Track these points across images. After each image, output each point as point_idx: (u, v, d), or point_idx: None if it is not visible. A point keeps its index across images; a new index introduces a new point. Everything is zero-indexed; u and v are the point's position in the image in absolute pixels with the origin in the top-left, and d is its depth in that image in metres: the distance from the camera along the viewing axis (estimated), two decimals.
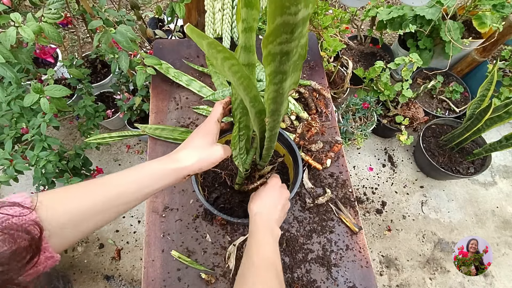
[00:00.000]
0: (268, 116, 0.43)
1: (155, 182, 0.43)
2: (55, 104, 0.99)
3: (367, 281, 0.75)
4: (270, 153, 0.59)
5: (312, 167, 0.88)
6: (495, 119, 1.23)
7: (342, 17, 1.58)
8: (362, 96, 1.56)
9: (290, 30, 0.27)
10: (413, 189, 1.73)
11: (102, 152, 1.70)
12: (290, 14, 0.25)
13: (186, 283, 0.73)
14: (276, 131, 0.52)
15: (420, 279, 1.51)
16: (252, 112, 0.43)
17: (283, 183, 0.67)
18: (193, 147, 0.48)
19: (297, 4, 0.24)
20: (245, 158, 0.60)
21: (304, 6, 0.25)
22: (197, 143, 0.49)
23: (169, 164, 0.45)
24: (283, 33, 0.27)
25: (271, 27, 0.27)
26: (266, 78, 0.35)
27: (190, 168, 0.46)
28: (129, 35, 0.92)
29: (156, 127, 0.90)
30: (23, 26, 0.82)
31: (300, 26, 0.27)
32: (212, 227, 0.80)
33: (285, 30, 0.27)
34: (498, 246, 1.62)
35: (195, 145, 0.48)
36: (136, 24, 1.11)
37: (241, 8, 0.35)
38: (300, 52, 0.32)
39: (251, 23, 0.37)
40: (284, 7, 0.24)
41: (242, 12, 0.35)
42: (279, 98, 0.38)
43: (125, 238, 1.50)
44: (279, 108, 0.41)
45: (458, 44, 1.48)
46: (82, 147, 1.18)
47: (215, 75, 0.98)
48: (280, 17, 0.25)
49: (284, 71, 0.33)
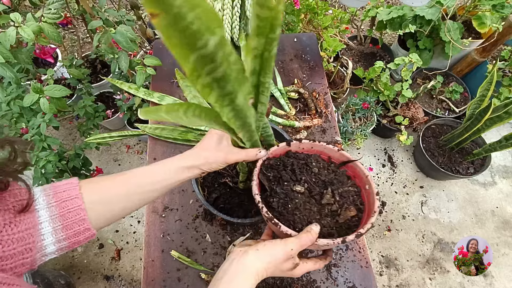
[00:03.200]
0: (239, 132, 0.42)
1: (171, 176, 0.48)
2: (55, 104, 0.99)
3: (367, 281, 0.75)
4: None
5: None
6: (495, 119, 1.23)
7: (342, 17, 1.58)
8: (362, 96, 1.56)
9: (210, 60, 0.26)
10: (413, 189, 1.73)
11: (102, 152, 1.70)
12: (200, 48, 0.24)
13: (186, 283, 0.73)
14: (266, 131, 0.53)
15: (420, 279, 1.51)
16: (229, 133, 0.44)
17: None
18: (202, 148, 0.51)
19: (201, 36, 0.23)
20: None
21: (210, 34, 0.24)
22: (205, 144, 0.51)
23: (183, 162, 0.49)
24: (205, 65, 0.26)
25: (189, 66, 0.25)
26: (214, 106, 0.33)
27: (200, 167, 0.49)
28: (129, 35, 0.92)
29: (156, 127, 0.90)
30: (23, 26, 0.82)
31: (218, 51, 0.26)
32: (212, 227, 0.80)
33: (205, 62, 0.26)
34: (498, 246, 1.62)
35: (204, 146, 0.51)
36: (136, 24, 1.11)
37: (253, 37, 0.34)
38: (236, 68, 0.30)
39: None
40: (190, 45, 0.24)
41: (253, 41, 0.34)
42: (240, 114, 0.37)
43: (125, 238, 1.50)
44: (246, 121, 0.39)
45: (458, 44, 1.48)
46: (82, 147, 1.18)
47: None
48: (192, 55, 0.25)
49: (230, 92, 0.32)
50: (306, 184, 0.50)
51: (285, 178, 0.50)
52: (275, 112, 0.97)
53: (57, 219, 0.41)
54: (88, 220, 0.43)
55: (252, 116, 0.41)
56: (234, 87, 0.32)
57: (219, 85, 0.30)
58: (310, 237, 0.43)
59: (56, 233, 0.41)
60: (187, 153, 0.51)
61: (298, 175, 0.51)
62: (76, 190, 0.43)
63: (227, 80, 0.30)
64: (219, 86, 0.30)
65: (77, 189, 0.43)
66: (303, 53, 1.11)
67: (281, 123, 0.94)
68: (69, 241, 0.42)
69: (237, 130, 0.42)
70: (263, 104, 0.44)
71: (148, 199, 0.49)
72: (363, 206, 0.50)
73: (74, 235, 0.42)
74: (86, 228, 0.43)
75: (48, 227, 0.40)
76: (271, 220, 0.44)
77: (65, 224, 0.41)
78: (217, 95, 0.31)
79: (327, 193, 0.49)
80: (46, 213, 0.40)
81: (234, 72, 0.30)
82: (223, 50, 0.27)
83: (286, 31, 1.38)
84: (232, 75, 0.30)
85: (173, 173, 0.48)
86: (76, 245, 0.43)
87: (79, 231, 0.42)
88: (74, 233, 0.42)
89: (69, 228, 0.42)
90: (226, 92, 0.32)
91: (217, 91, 0.31)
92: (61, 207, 0.41)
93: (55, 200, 0.42)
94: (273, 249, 0.43)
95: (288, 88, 1.02)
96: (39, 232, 0.39)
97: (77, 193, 0.43)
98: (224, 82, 0.30)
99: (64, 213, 0.41)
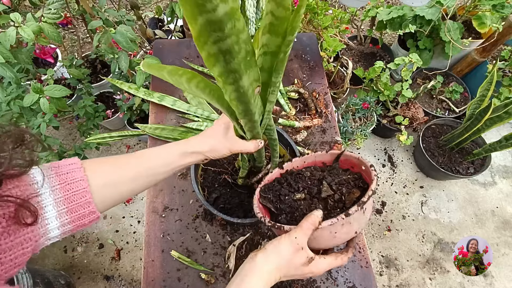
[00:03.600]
0: (240, 118, 0.42)
1: (177, 160, 0.49)
2: (55, 104, 0.99)
3: (367, 281, 0.75)
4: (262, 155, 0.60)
5: None
6: (495, 119, 1.23)
7: (342, 17, 1.58)
8: (362, 96, 1.56)
9: (218, 27, 0.26)
10: (413, 189, 1.73)
11: (102, 152, 1.70)
12: (208, 11, 0.24)
13: (186, 283, 0.73)
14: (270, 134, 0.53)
15: (420, 279, 1.51)
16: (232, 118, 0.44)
17: None
18: (207, 135, 0.52)
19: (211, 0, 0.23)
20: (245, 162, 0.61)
21: (221, 1, 0.24)
22: (211, 132, 0.52)
23: (187, 147, 0.50)
24: (212, 32, 0.26)
25: (196, 28, 0.26)
26: (218, 81, 0.33)
27: (204, 153, 0.50)
28: (129, 35, 0.92)
29: (156, 127, 0.90)
30: (23, 26, 0.82)
31: (227, 21, 0.26)
32: (212, 227, 0.80)
33: (212, 28, 0.26)
34: (498, 246, 1.62)
35: (209, 134, 0.52)
36: (136, 24, 1.11)
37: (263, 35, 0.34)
38: (246, 48, 0.30)
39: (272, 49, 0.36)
40: (199, 6, 0.24)
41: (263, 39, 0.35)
42: (243, 98, 0.36)
43: (125, 238, 1.50)
44: (249, 108, 0.39)
45: (458, 44, 1.48)
46: (82, 147, 1.18)
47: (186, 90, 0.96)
48: (200, 17, 0.25)
49: (235, 70, 0.31)
50: (304, 189, 0.52)
51: (284, 192, 0.52)
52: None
53: (61, 203, 0.39)
54: (93, 202, 0.42)
55: (257, 107, 0.41)
56: (240, 66, 0.31)
57: (225, 58, 0.30)
58: (310, 220, 0.42)
59: (60, 216, 0.39)
60: (191, 138, 0.52)
61: (294, 185, 0.53)
62: (81, 172, 0.42)
63: (233, 55, 0.29)
64: (225, 60, 0.30)
65: (82, 170, 0.42)
66: (303, 53, 1.11)
67: (281, 123, 0.94)
68: (73, 224, 0.41)
69: (239, 116, 0.42)
70: (271, 103, 0.44)
71: (155, 181, 0.49)
72: (367, 186, 0.50)
73: (79, 218, 0.41)
74: (91, 211, 0.42)
75: (53, 210, 0.39)
76: (274, 226, 0.46)
77: (69, 207, 0.40)
78: (222, 70, 0.31)
79: (323, 186, 0.50)
80: (50, 196, 0.39)
81: (243, 51, 0.30)
82: (233, 22, 0.27)
83: None
84: (241, 54, 0.30)
85: (177, 157, 0.49)
86: (80, 228, 0.42)
87: (84, 214, 0.41)
88: (78, 216, 0.41)
89: (74, 211, 0.40)
90: (231, 69, 0.31)
91: (222, 64, 0.30)
92: (65, 190, 0.40)
93: (58, 182, 0.40)
94: (279, 244, 0.43)
95: (288, 88, 1.02)
96: (43, 217, 0.38)
97: (82, 175, 0.42)
98: (230, 57, 0.30)
99: (69, 196, 0.40)
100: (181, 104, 0.94)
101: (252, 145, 0.51)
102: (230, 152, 0.51)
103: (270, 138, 0.56)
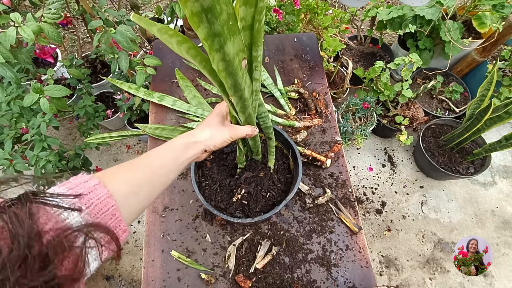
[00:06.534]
0: (231, 95, 0.43)
1: (181, 154, 0.49)
2: (55, 104, 0.99)
3: (367, 281, 0.75)
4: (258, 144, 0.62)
5: (312, 166, 0.88)
6: (495, 119, 1.23)
7: (342, 17, 1.58)
8: (362, 96, 1.56)
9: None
10: (413, 189, 1.73)
11: (102, 152, 1.70)
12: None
13: (186, 283, 0.73)
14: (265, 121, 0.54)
15: (420, 279, 1.51)
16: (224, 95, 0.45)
17: (287, 182, 0.68)
18: (205, 125, 0.53)
19: None
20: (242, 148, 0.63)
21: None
22: (209, 121, 0.54)
23: (188, 138, 0.51)
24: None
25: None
26: (204, 45, 0.34)
27: (204, 142, 0.51)
28: (129, 35, 0.92)
29: (156, 127, 0.90)
30: (23, 26, 0.82)
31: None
32: (212, 227, 0.80)
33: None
34: (498, 246, 1.62)
35: (207, 123, 0.53)
36: (136, 24, 1.11)
37: (240, 6, 0.35)
38: (227, 10, 0.31)
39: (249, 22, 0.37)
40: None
41: (240, 11, 0.35)
42: (230, 68, 0.37)
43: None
44: (238, 81, 0.40)
45: (458, 44, 1.48)
46: (82, 147, 1.18)
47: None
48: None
49: (219, 33, 0.32)
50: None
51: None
52: (275, 112, 0.97)
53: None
54: (123, 220, 0.37)
55: (246, 84, 0.41)
56: (223, 29, 0.32)
57: (208, 19, 0.30)
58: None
59: (99, 260, 0.32)
60: (191, 130, 0.54)
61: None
62: (103, 188, 0.36)
63: (215, 15, 0.30)
64: (208, 20, 0.30)
65: (103, 187, 0.36)
66: (303, 53, 1.11)
67: (281, 123, 0.94)
68: (108, 250, 0.34)
69: (229, 91, 0.42)
70: (257, 81, 0.45)
71: (166, 182, 0.47)
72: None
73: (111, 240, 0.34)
74: (123, 230, 0.37)
75: (94, 262, 0.32)
76: None
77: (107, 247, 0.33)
78: (207, 31, 0.32)
79: None
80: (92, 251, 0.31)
81: (224, 13, 0.31)
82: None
83: (286, 31, 1.38)
84: (222, 15, 0.31)
85: (180, 150, 0.49)
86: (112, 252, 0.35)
87: (117, 235, 0.36)
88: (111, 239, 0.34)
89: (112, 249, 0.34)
90: (215, 32, 0.32)
91: (206, 25, 0.31)
92: (94, 212, 0.33)
93: (86, 206, 0.33)
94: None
95: (288, 88, 1.02)
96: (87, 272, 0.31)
97: (106, 191, 0.36)
98: (213, 17, 0.30)
99: (99, 218, 0.34)
100: (181, 104, 0.94)
101: (248, 128, 0.54)
102: (228, 138, 0.52)
103: (266, 127, 0.57)
